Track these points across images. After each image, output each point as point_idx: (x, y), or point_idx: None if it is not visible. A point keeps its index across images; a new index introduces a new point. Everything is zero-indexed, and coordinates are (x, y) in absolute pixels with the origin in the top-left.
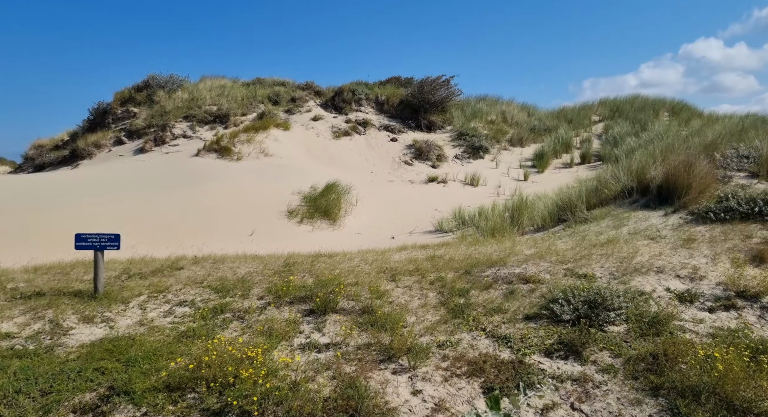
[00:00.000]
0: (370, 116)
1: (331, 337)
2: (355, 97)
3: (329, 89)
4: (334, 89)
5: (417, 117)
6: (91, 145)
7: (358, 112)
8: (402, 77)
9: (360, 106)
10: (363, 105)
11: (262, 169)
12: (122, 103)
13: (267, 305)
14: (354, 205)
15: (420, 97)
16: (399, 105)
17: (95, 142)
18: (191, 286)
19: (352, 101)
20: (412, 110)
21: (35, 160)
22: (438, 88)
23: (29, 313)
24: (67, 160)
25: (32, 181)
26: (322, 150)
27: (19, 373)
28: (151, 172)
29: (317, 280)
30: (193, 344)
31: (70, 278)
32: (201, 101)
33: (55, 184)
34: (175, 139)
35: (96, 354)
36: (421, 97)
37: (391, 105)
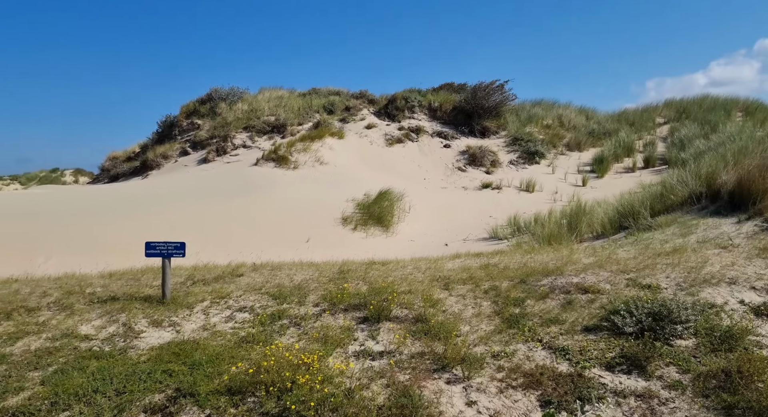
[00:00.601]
0: (423, 123)
1: (384, 345)
2: (408, 105)
3: (382, 97)
4: (387, 97)
5: (470, 123)
6: (159, 156)
7: (411, 119)
8: (455, 83)
9: (413, 113)
10: (416, 112)
11: (317, 177)
12: (187, 115)
13: (322, 312)
14: (407, 212)
15: (473, 103)
16: (452, 111)
17: (163, 154)
18: (250, 292)
19: (404, 108)
20: (465, 116)
21: (110, 171)
22: (492, 93)
23: (105, 317)
24: (138, 170)
25: (107, 191)
26: (375, 157)
27: (96, 373)
28: (213, 182)
29: (371, 287)
30: (253, 349)
31: (140, 284)
32: (260, 112)
33: (127, 194)
34: (236, 149)
35: (164, 357)
36: (474, 102)
37: (444, 111)
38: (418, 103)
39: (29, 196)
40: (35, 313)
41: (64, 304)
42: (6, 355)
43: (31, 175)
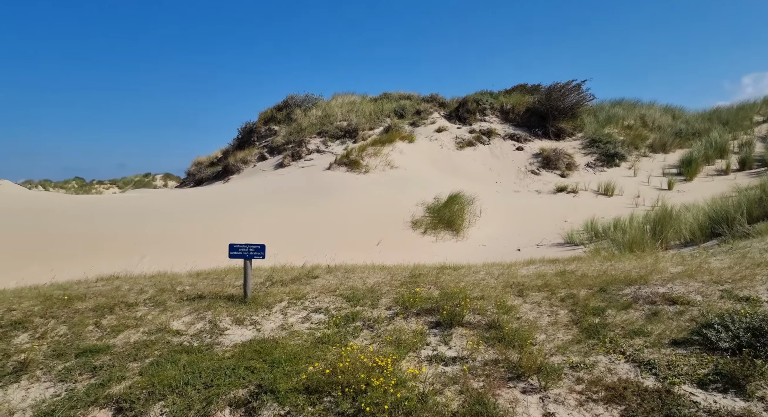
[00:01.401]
0: (495, 126)
1: (457, 350)
2: (480, 107)
3: (453, 100)
4: (458, 100)
5: (544, 124)
6: (239, 161)
7: (483, 121)
8: (528, 84)
9: (484, 115)
10: (487, 114)
11: (388, 180)
12: (265, 121)
13: (395, 315)
14: (478, 216)
15: (548, 104)
16: (525, 113)
17: (242, 159)
18: (325, 294)
19: (476, 111)
20: (539, 118)
21: (195, 176)
22: (568, 93)
23: (193, 314)
24: (220, 175)
25: (192, 195)
26: (445, 161)
27: (187, 367)
28: (288, 186)
29: (443, 292)
30: (328, 350)
31: (224, 283)
32: (333, 117)
33: (210, 197)
34: (310, 154)
35: (246, 354)
36: (549, 103)
37: (516, 113)
38: (489, 105)
39: (126, 199)
40: (133, 308)
41: (158, 301)
42: (110, 346)
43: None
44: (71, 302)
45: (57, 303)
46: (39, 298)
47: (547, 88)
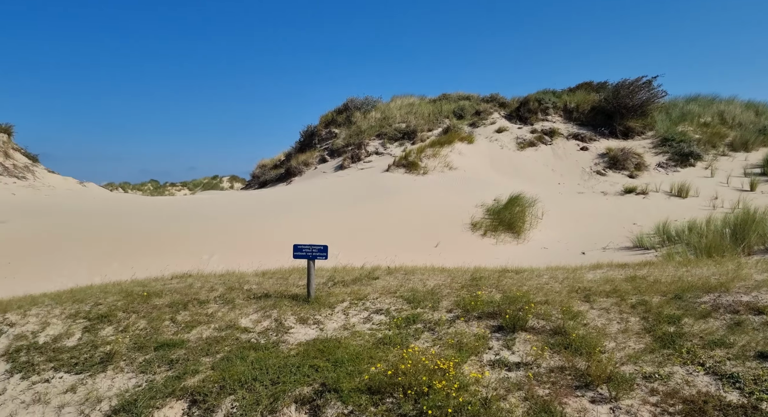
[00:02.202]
0: (558, 125)
1: (521, 356)
2: (542, 107)
3: (514, 100)
4: (519, 100)
5: (611, 123)
6: (301, 163)
7: (545, 121)
8: (594, 82)
9: (546, 115)
10: (550, 114)
11: (446, 182)
12: (326, 125)
13: (456, 318)
14: (539, 218)
15: (615, 102)
16: (590, 112)
17: (304, 161)
18: (386, 295)
19: (538, 111)
20: (605, 116)
21: (259, 178)
22: (637, 90)
23: (260, 312)
24: (283, 177)
25: (257, 196)
26: (505, 162)
27: (255, 363)
28: (348, 187)
29: (504, 296)
30: (389, 351)
31: (288, 283)
32: (391, 119)
33: (274, 199)
34: (369, 156)
35: (310, 352)
36: (616, 101)
37: (581, 112)
38: (552, 104)
39: (195, 200)
40: (205, 305)
41: (227, 299)
42: (184, 341)
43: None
44: (150, 298)
45: (137, 299)
46: (121, 293)
47: (615, 85)
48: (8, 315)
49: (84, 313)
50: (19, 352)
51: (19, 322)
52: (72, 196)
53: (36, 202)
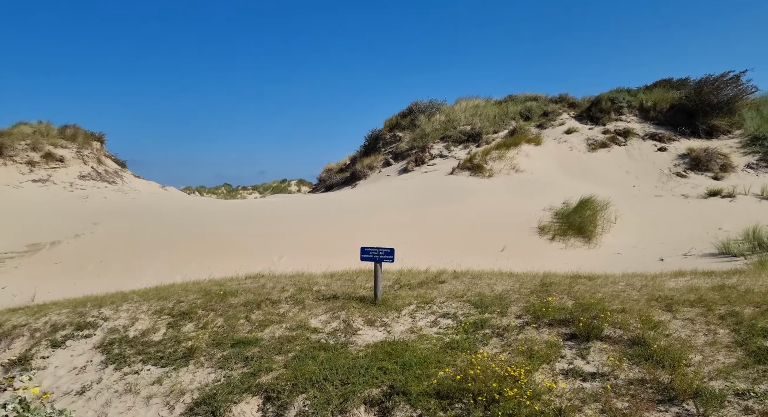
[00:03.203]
0: (633, 125)
1: (596, 366)
2: (615, 106)
3: (584, 100)
4: (590, 99)
5: (692, 122)
6: (365, 167)
7: (618, 121)
8: (673, 79)
9: (620, 114)
10: (624, 113)
11: (512, 185)
12: (390, 128)
13: (525, 325)
14: (612, 222)
15: (698, 100)
16: (668, 110)
17: (369, 165)
18: (452, 299)
19: (611, 110)
20: (686, 115)
21: (326, 181)
22: (723, 87)
23: (329, 313)
24: (348, 180)
25: (323, 199)
26: (575, 163)
27: (325, 363)
28: (412, 190)
29: (577, 303)
30: (457, 356)
31: (355, 285)
32: (456, 122)
33: (340, 202)
34: (433, 159)
35: (378, 354)
36: (699, 99)
37: (658, 111)
38: (626, 103)
39: (266, 203)
40: (277, 305)
41: (297, 299)
42: (258, 339)
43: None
44: (226, 297)
45: (215, 297)
46: (201, 292)
47: (697, 81)
48: (103, 310)
49: (168, 310)
50: (112, 345)
51: (112, 317)
52: (155, 199)
53: (124, 205)
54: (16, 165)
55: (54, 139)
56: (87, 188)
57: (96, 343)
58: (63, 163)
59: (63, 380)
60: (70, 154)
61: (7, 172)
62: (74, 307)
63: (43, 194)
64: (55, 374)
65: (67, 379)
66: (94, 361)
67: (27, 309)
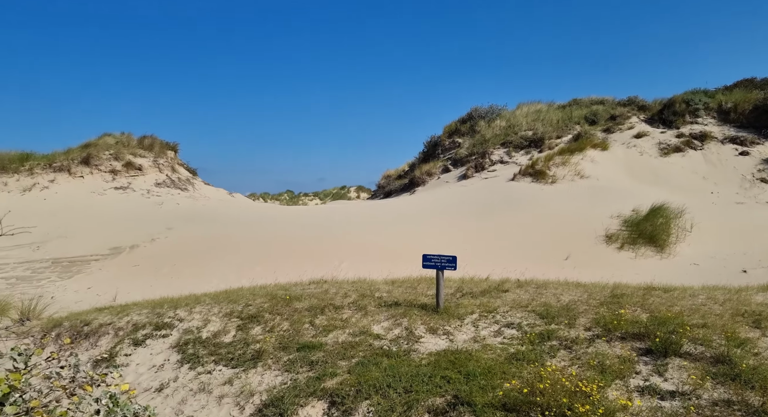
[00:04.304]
0: (710, 128)
1: (675, 384)
2: (690, 108)
3: (656, 102)
4: (661, 102)
5: None
6: (424, 173)
7: (694, 124)
8: (756, 78)
9: (696, 117)
10: (700, 116)
11: (577, 191)
12: (449, 135)
13: (595, 337)
14: (687, 230)
15: None
16: (752, 112)
17: (427, 171)
18: (517, 309)
19: (685, 113)
20: None
21: (384, 188)
22: None
23: (391, 320)
24: (407, 187)
25: (382, 206)
26: (645, 169)
27: (388, 370)
28: (472, 197)
29: (652, 316)
30: (523, 368)
31: (417, 292)
32: (517, 127)
33: (399, 208)
34: (493, 165)
35: (441, 363)
36: None
37: (739, 113)
38: (703, 105)
39: (326, 209)
40: (340, 310)
41: (360, 305)
42: (322, 344)
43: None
44: (291, 302)
45: (280, 302)
46: (267, 296)
47: None
48: (178, 311)
49: (237, 313)
50: (187, 345)
51: (186, 318)
52: (223, 205)
53: (195, 211)
54: (101, 173)
55: (134, 149)
56: (162, 195)
57: (172, 342)
58: (141, 172)
59: (143, 377)
60: (147, 162)
61: (93, 180)
62: (153, 307)
63: (123, 201)
64: (136, 371)
65: (147, 376)
66: (170, 359)
67: (111, 308)
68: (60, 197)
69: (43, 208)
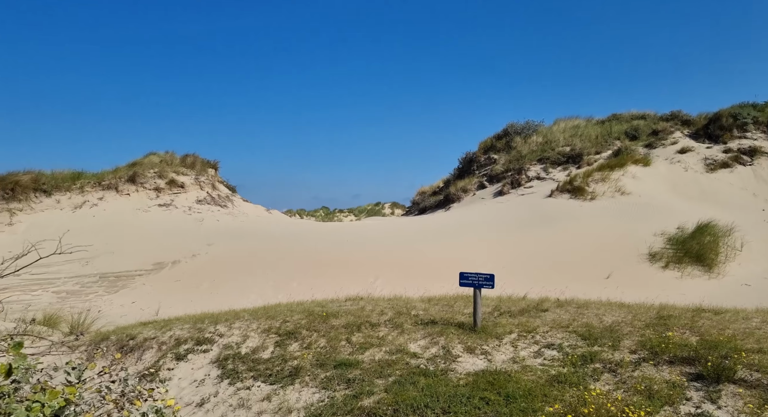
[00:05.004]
0: (760, 143)
1: (730, 412)
2: (738, 122)
3: (701, 117)
4: (707, 116)
5: None
6: (459, 190)
7: (742, 138)
8: None
9: (744, 131)
10: (749, 130)
11: (617, 208)
12: (485, 151)
13: (641, 361)
14: (738, 249)
15: None
16: None
17: (462, 187)
18: (557, 329)
19: (733, 127)
20: None
21: (419, 204)
22: None
23: (427, 338)
24: (442, 203)
25: (417, 222)
26: (691, 185)
27: (425, 389)
28: (508, 214)
29: (702, 339)
30: (566, 391)
31: (453, 310)
32: (554, 143)
33: (434, 225)
34: (530, 181)
35: (480, 384)
36: None
37: None
38: (752, 119)
39: (361, 225)
40: (376, 328)
41: (396, 323)
42: (359, 361)
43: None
44: (328, 318)
45: (317, 318)
46: (304, 312)
47: None
48: (218, 326)
49: (275, 329)
50: (227, 360)
51: (226, 334)
52: (260, 221)
53: (234, 227)
54: (146, 191)
55: (176, 167)
56: (203, 212)
57: (213, 358)
58: (183, 189)
59: (185, 391)
60: (189, 180)
61: (138, 198)
62: (194, 323)
63: (166, 217)
64: (178, 385)
65: (188, 390)
66: (211, 374)
67: (155, 323)
68: (108, 214)
69: (93, 225)
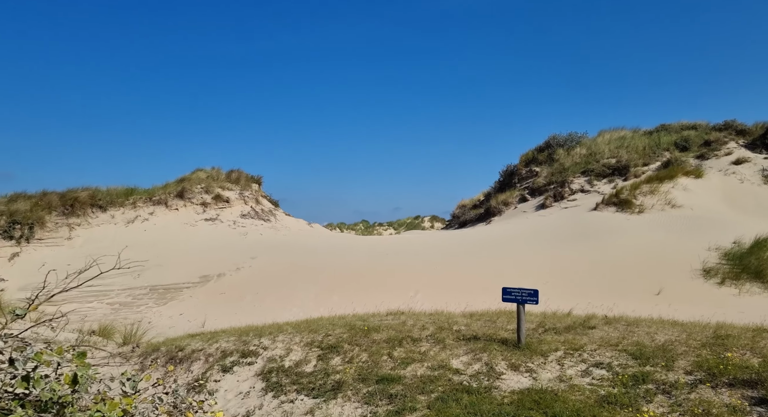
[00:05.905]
0: None
1: None
2: None
3: (756, 126)
4: (763, 125)
5: None
6: (500, 203)
7: None
8: None
9: None
10: None
11: (667, 221)
12: (526, 163)
13: (698, 382)
14: None
15: None
16: None
17: (504, 201)
18: (605, 347)
19: None
20: None
21: (459, 218)
22: None
23: (470, 354)
24: (482, 217)
25: (457, 236)
26: (747, 197)
27: (468, 407)
28: (551, 227)
29: (765, 361)
30: (616, 412)
31: (496, 326)
32: (599, 155)
33: (474, 239)
34: (573, 194)
35: (525, 402)
36: None
37: None
38: None
39: (401, 239)
40: (418, 343)
41: (437, 338)
42: (401, 377)
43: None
44: (369, 333)
45: (359, 332)
46: (346, 326)
47: None
48: (262, 339)
49: (317, 343)
50: (271, 373)
51: (270, 347)
52: (303, 235)
53: (276, 241)
54: (193, 206)
55: (222, 183)
56: (246, 226)
57: (257, 370)
58: (228, 204)
59: (231, 404)
60: (234, 195)
61: (186, 213)
62: (239, 335)
63: (212, 232)
64: (225, 397)
65: (234, 402)
66: (256, 387)
67: (202, 335)
68: (158, 228)
69: (144, 239)
